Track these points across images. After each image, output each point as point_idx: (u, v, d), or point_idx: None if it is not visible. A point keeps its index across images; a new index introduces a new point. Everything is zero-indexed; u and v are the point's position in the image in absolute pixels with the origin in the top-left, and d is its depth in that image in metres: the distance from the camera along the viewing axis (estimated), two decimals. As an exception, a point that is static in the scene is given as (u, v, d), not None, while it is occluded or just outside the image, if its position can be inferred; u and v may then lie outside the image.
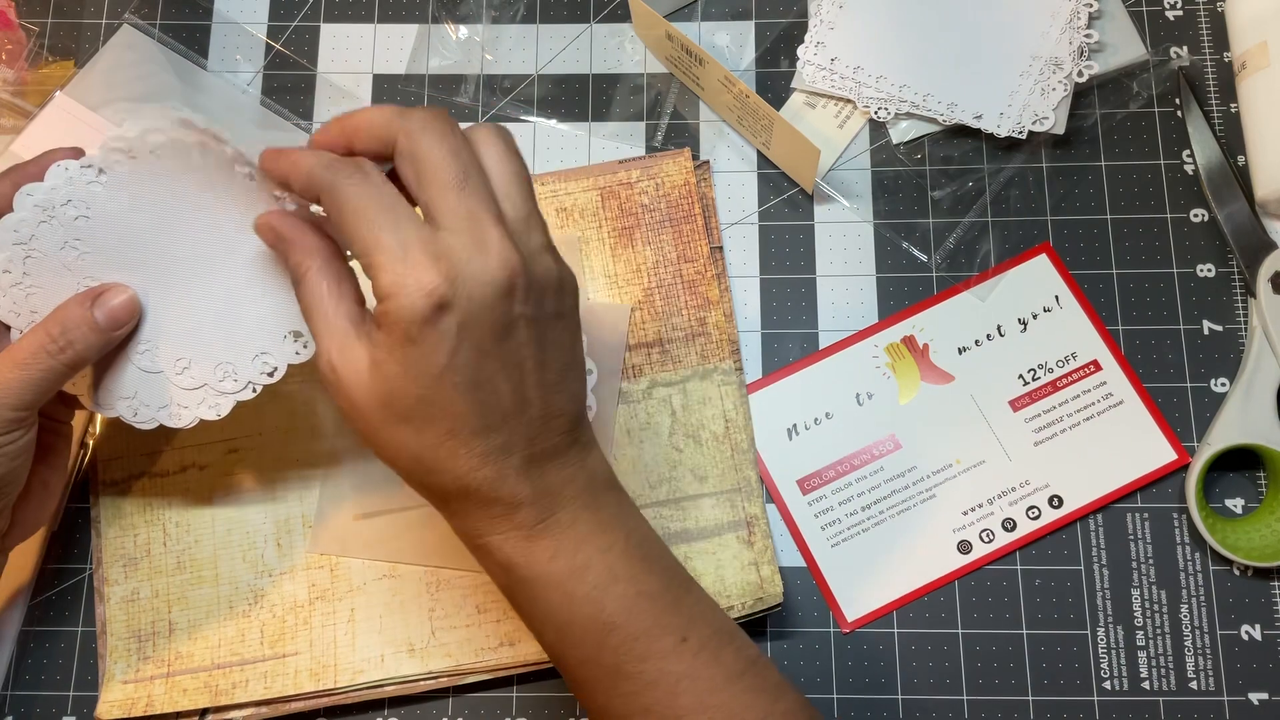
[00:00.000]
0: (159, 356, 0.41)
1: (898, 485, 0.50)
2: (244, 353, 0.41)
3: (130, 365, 0.42)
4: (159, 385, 0.42)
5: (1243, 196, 0.51)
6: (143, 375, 0.42)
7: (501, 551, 0.35)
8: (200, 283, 0.41)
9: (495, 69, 0.56)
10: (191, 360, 0.41)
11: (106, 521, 0.49)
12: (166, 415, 0.42)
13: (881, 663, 0.48)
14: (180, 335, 0.41)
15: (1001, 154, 0.54)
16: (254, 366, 0.41)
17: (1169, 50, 0.55)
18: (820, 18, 0.55)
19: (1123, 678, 0.47)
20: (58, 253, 0.40)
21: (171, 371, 0.41)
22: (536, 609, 0.36)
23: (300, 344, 0.41)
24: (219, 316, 0.41)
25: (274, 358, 0.41)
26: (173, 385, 0.42)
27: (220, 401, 0.42)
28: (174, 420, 0.42)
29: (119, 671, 0.47)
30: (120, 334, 0.40)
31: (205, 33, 0.56)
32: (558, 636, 0.36)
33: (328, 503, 0.49)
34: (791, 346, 0.52)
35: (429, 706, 0.48)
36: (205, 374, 0.41)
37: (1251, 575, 0.48)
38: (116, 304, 0.40)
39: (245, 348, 0.41)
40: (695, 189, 0.53)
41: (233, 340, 0.41)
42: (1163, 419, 0.50)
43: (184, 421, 0.42)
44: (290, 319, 0.41)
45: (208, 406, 0.42)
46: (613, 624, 0.35)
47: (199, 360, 0.41)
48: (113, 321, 0.40)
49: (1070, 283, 0.52)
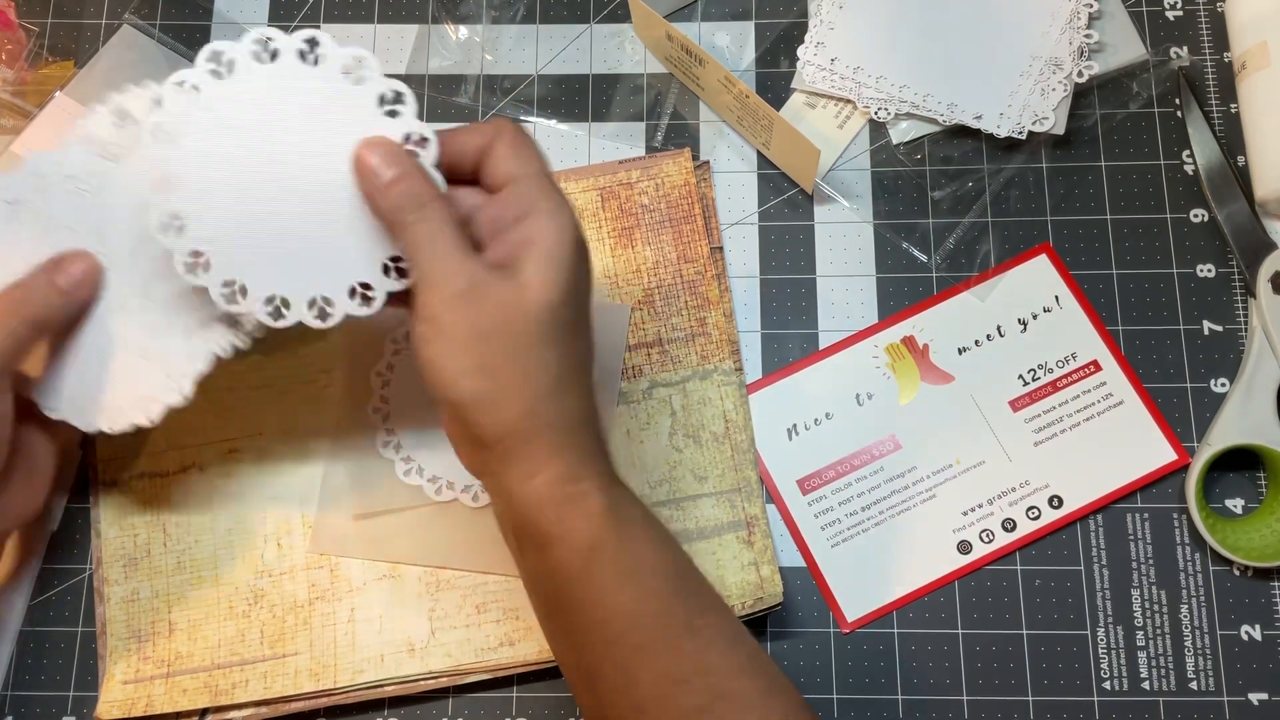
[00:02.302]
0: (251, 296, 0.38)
1: (898, 485, 0.50)
2: (340, 284, 0.38)
3: (75, 366, 0.41)
4: (97, 387, 0.41)
5: (1243, 196, 0.51)
6: (84, 376, 0.41)
7: (604, 496, 0.36)
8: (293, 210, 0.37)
9: (495, 69, 0.56)
10: (287, 297, 0.38)
11: (106, 521, 0.49)
12: (105, 420, 0.41)
13: (881, 663, 0.48)
14: (269, 271, 0.38)
15: (1001, 154, 0.54)
16: (351, 300, 0.38)
17: (1169, 50, 0.55)
18: (820, 18, 0.55)
19: (1123, 678, 0.47)
20: (20, 240, 0.40)
21: (263, 312, 0.38)
22: (624, 561, 0.36)
23: (394, 274, 0.37)
24: (312, 246, 0.37)
25: (376, 288, 0.38)
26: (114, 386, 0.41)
27: (151, 406, 0.41)
28: (111, 424, 0.41)
29: (119, 671, 0.47)
30: (81, 298, 0.41)
31: (205, 33, 0.56)
32: (639, 591, 0.35)
33: (328, 503, 0.49)
34: (791, 346, 0.52)
35: (429, 706, 0.48)
36: (299, 313, 0.38)
37: (1251, 575, 0.48)
38: (77, 269, 0.41)
39: (342, 278, 0.38)
40: (695, 189, 0.53)
41: (328, 270, 0.38)
42: (1163, 419, 0.50)
43: (120, 425, 0.41)
44: (383, 249, 0.37)
45: (140, 411, 0.41)
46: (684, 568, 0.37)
47: (294, 296, 0.38)
48: (73, 285, 0.40)
49: (1070, 283, 0.52)
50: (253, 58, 0.37)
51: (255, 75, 0.37)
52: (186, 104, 0.36)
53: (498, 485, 0.36)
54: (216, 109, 0.37)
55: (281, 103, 0.37)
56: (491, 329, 0.34)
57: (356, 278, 0.37)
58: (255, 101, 0.37)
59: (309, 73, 0.37)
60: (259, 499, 0.49)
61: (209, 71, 0.37)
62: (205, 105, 0.37)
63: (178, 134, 0.36)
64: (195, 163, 0.37)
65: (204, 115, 0.37)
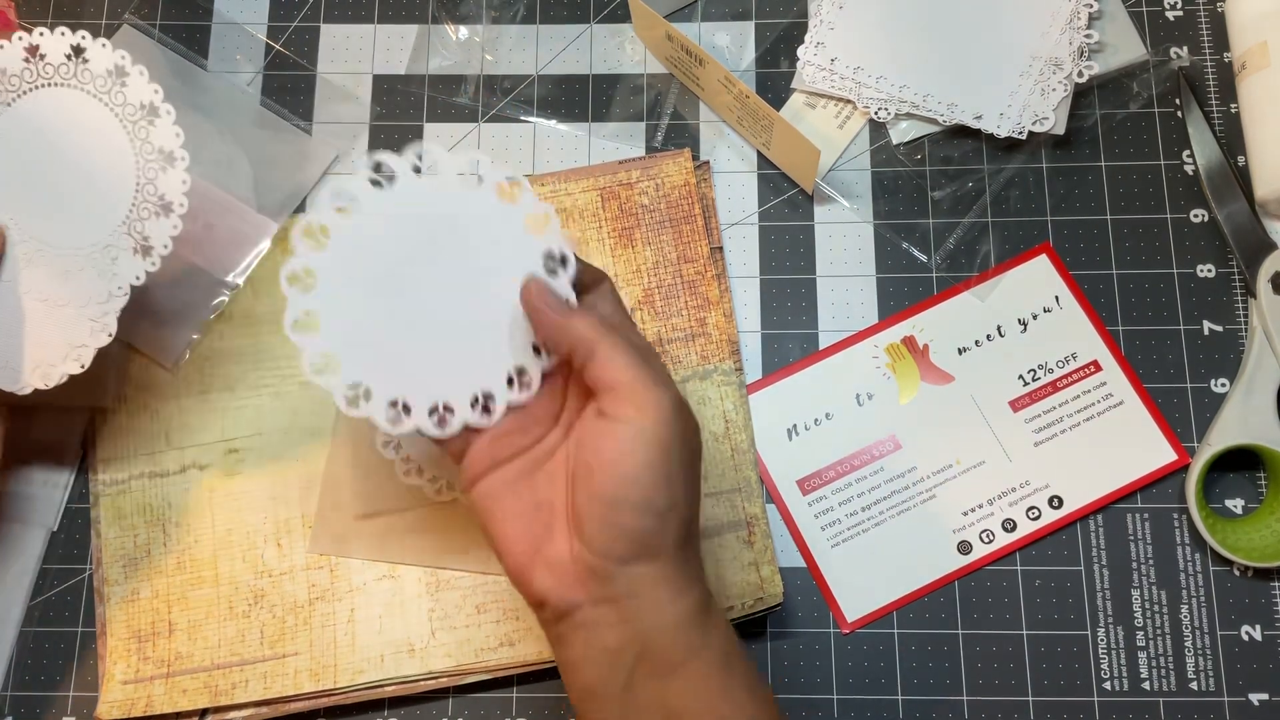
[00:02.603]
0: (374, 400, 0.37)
1: (898, 485, 0.50)
2: (464, 392, 0.37)
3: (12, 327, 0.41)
4: (23, 346, 0.41)
5: (1243, 196, 0.51)
6: (6, 338, 0.41)
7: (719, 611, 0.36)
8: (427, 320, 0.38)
9: (495, 69, 0.56)
10: (409, 402, 0.37)
11: (106, 521, 0.49)
12: (38, 377, 0.42)
13: (881, 663, 0.48)
14: (392, 374, 0.37)
15: (1001, 154, 0.54)
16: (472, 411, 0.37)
17: (1169, 50, 0.55)
18: (820, 18, 0.55)
19: (1123, 678, 0.47)
20: None
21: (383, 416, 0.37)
22: None
23: (516, 388, 0.37)
24: (442, 354, 0.38)
25: (497, 399, 0.37)
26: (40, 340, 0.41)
27: (82, 353, 0.41)
28: (46, 379, 0.42)
29: (119, 671, 0.47)
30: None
31: (205, 33, 0.56)
32: None
33: (328, 503, 0.49)
34: (791, 346, 0.52)
35: (429, 707, 0.48)
36: (419, 419, 0.37)
37: (1251, 575, 0.48)
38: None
39: (464, 389, 0.37)
40: (695, 189, 0.53)
41: (453, 378, 0.37)
42: (1163, 419, 0.50)
43: (54, 379, 0.42)
44: (509, 361, 0.37)
45: (99, 332, 0.42)
46: None
47: (416, 402, 0.37)
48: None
49: (1070, 283, 0.52)
50: (413, 172, 0.38)
51: (413, 188, 0.38)
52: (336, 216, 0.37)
53: (626, 612, 0.34)
54: (368, 215, 0.37)
55: (433, 217, 0.38)
56: (683, 442, 0.35)
57: (480, 388, 0.37)
58: (407, 213, 0.38)
59: (463, 191, 0.38)
60: (259, 499, 0.49)
61: (370, 180, 0.37)
62: (358, 210, 0.37)
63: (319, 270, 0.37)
64: (335, 265, 0.37)
65: (353, 220, 0.37)
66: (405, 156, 0.38)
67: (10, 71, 0.42)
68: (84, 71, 0.43)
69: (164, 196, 0.42)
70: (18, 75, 0.42)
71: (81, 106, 0.42)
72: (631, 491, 0.34)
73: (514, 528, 0.36)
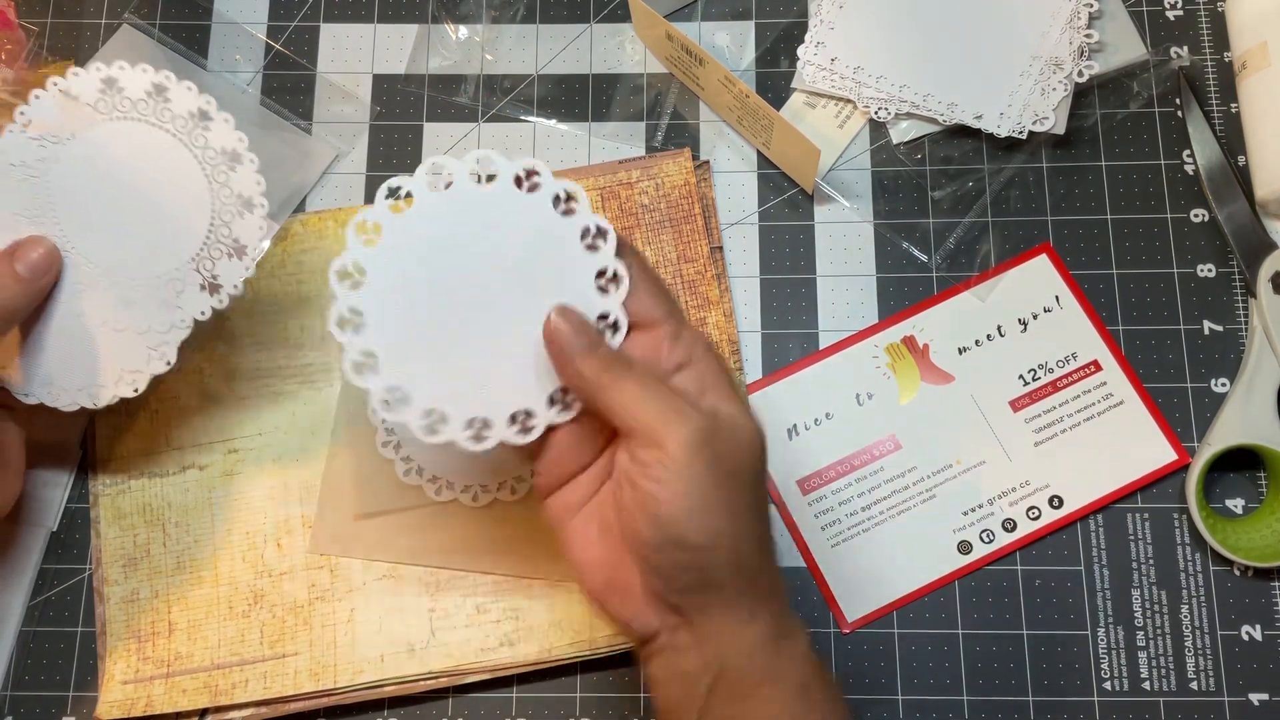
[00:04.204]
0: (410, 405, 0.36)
1: (898, 485, 0.50)
2: (502, 409, 0.36)
3: (48, 349, 0.42)
4: (75, 367, 0.42)
5: (1243, 196, 0.51)
6: (60, 357, 0.41)
7: (800, 638, 0.36)
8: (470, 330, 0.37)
9: (495, 69, 0.56)
10: (446, 413, 0.36)
11: (106, 521, 0.49)
12: (85, 396, 0.42)
13: (881, 663, 0.48)
14: (432, 384, 0.36)
15: (1001, 154, 0.54)
16: (510, 428, 0.36)
17: (1169, 50, 0.55)
18: (820, 18, 0.55)
19: (1123, 678, 0.47)
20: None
21: (418, 424, 0.36)
22: None
23: (558, 407, 0.36)
24: (484, 367, 0.36)
25: (537, 418, 0.36)
26: (93, 363, 0.42)
27: (136, 378, 0.42)
28: (94, 400, 0.42)
29: (119, 671, 0.47)
30: (43, 284, 0.41)
31: (205, 33, 0.56)
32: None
33: (328, 503, 0.49)
34: (791, 346, 0.52)
35: (429, 706, 0.48)
36: (454, 431, 0.36)
37: (1252, 575, 0.48)
38: (36, 255, 0.41)
39: (503, 404, 0.36)
40: (695, 189, 0.53)
41: (493, 394, 0.36)
42: (1163, 419, 0.50)
43: (104, 400, 0.42)
44: (552, 380, 0.36)
45: (156, 360, 0.42)
46: None
47: (452, 413, 0.36)
48: (34, 272, 0.41)
49: (1070, 283, 0.52)
50: (471, 177, 0.37)
51: (470, 194, 0.37)
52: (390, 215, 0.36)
53: (700, 636, 0.34)
54: (425, 217, 0.36)
55: (488, 224, 0.37)
56: (732, 467, 0.34)
57: (520, 405, 0.36)
58: (461, 219, 0.37)
59: (521, 199, 0.37)
60: (259, 499, 0.49)
61: (426, 182, 0.36)
62: (416, 211, 0.36)
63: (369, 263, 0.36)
64: (385, 264, 0.36)
65: (406, 221, 0.36)
66: (464, 161, 0.37)
67: (85, 100, 0.42)
68: (164, 110, 0.43)
69: (239, 240, 0.43)
70: (92, 105, 0.42)
71: (159, 143, 0.43)
72: (667, 531, 0.33)
73: (587, 552, 0.36)
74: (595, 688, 0.48)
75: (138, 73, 0.43)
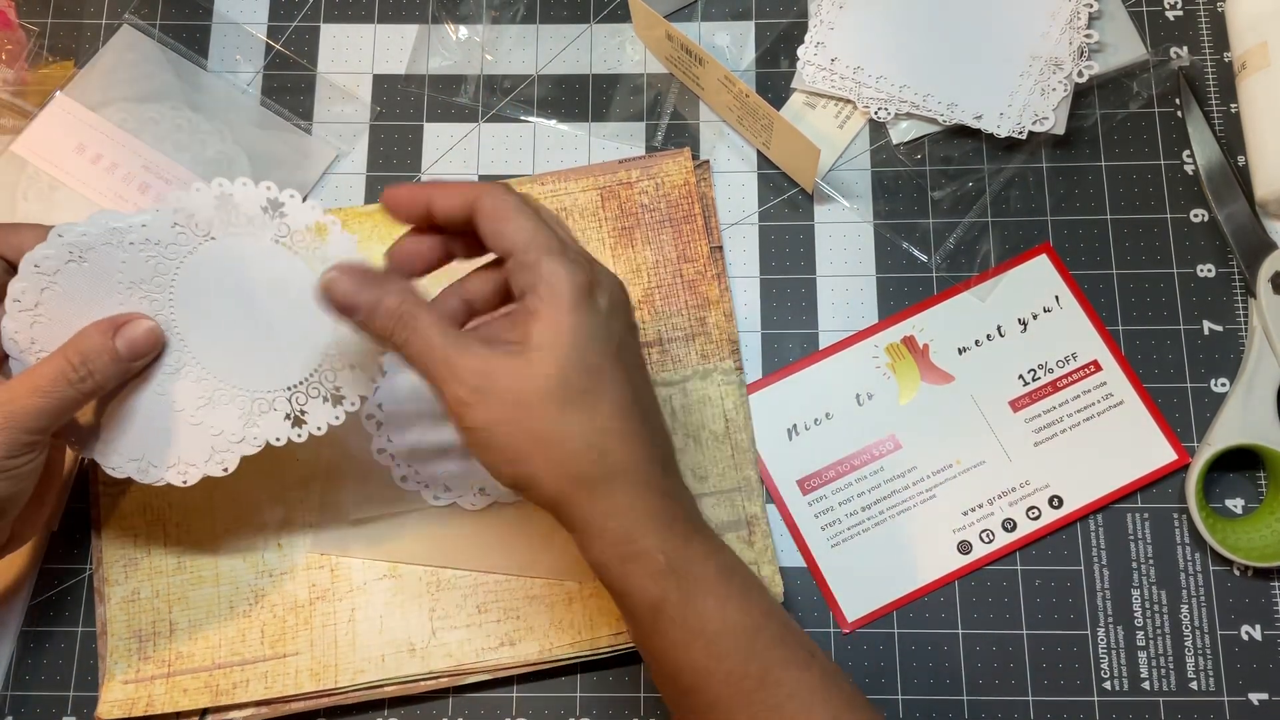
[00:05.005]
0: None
1: (898, 485, 0.50)
2: (269, 409, 0.41)
3: (138, 421, 0.41)
4: (137, 439, 0.42)
5: (1243, 196, 0.51)
6: (127, 425, 0.42)
7: (662, 555, 0.35)
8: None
9: (495, 69, 0.56)
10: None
11: (106, 522, 0.49)
12: (135, 469, 0.42)
13: (881, 663, 0.48)
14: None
15: (1001, 154, 0.54)
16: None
17: (1169, 50, 0.55)
18: (820, 18, 0.55)
19: (1123, 678, 0.47)
20: (76, 292, 0.40)
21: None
22: (690, 621, 0.35)
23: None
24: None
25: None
26: (180, 443, 0.42)
27: (189, 472, 0.42)
28: (142, 475, 0.42)
29: (119, 671, 0.47)
30: (140, 364, 0.40)
31: (205, 33, 0.56)
32: (707, 650, 0.36)
33: (328, 504, 0.49)
34: (791, 346, 0.52)
35: (429, 706, 0.48)
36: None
37: (1251, 575, 0.48)
38: (138, 334, 0.40)
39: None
40: (695, 189, 0.53)
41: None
42: (1163, 419, 0.50)
43: (150, 479, 0.42)
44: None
45: (215, 463, 0.42)
46: (759, 626, 0.36)
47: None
48: (133, 351, 0.40)
49: (1070, 283, 0.52)
50: None
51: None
52: None
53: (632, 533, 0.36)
54: None
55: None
56: (509, 412, 0.34)
57: None
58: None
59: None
60: (259, 499, 0.49)
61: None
62: None
63: None
64: None
65: None
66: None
67: (244, 211, 0.41)
68: (281, 224, 0.41)
69: (339, 389, 0.42)
70: (248, 219, 0.41)
71: (300, 279, 0.41)
72: None
73: None
74: (595, 688, 0.48)
75: (306, 208, 0.41)
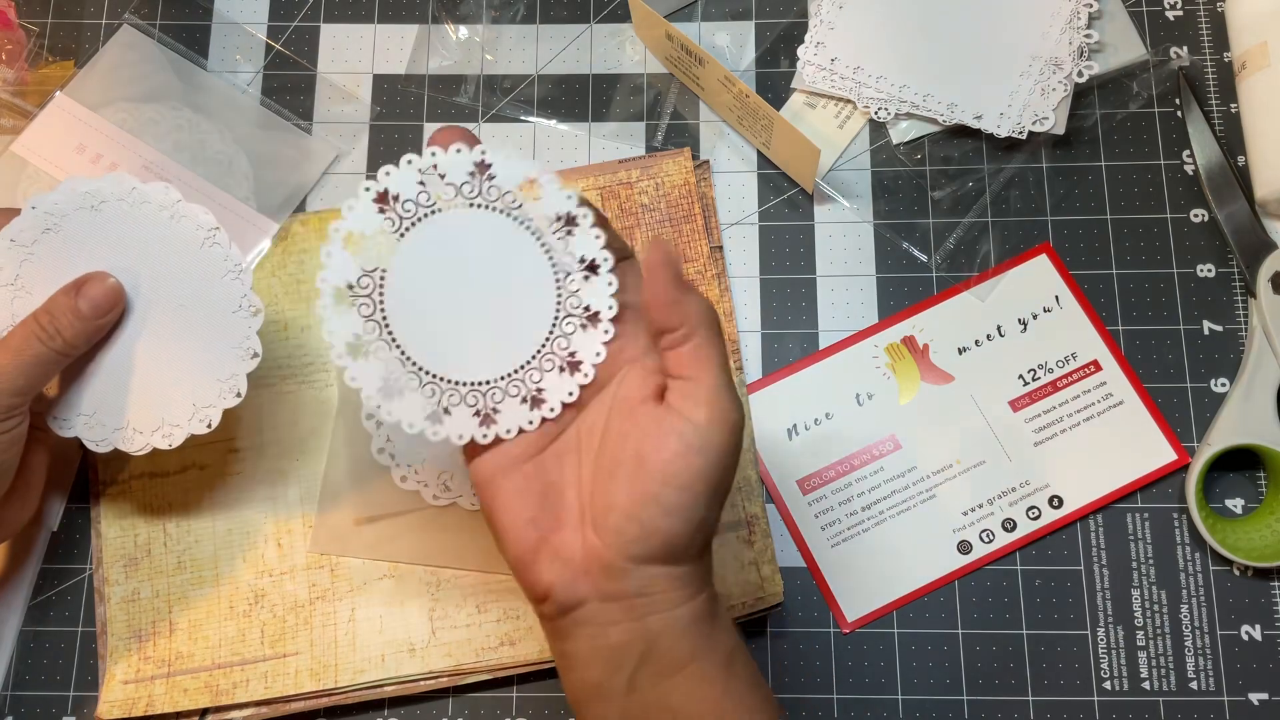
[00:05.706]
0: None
1: (898, 485, 0.50)
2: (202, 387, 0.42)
3: (93, 382, 0.42)
4: (117, 407, 0.42)
5: (1243, 196, 0.51)
6: (104, 394, 0.42)
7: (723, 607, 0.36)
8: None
9: (495, 69, 0.56)
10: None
11: (106, 521, 0.49)
12: (120, 439, 0.42)
13: (881, 663, 0.48)
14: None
15: (1001, 154, 0.54)
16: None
17: (1169, 50, 0.55)
18: (820, 18, 0.55)
19: (1123, 678, 0.47)
20: (54, 261, 0.41)
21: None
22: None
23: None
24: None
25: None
26: (131, 408, 0.42)
27: (173, 432, 0.42)
28: (127, 445, 0.42)
29: (119, 671, 0.47)
30: (105, 321, 0.41)
31: (205, 33, 0.56)
32: None
33: (327, 504, 0.49)
34: (791, 346, 0.52)
35: (429, 706, 0.48)
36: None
37: (1251, 575, 0.48)
38: (98, 292, 0.41)
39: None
40: (695, 189, 0.53)
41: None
42: (1163, 419, 0.50)
43: (135, 447, 0.42)
44: None
45: (161, 435, 0.42)
46: None
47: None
48: (95, 308, 0.41)
49: (1070, 283, 0.52)
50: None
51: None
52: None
53: (633, 609, 0.33)
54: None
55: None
56: (735, 460, 0.34)
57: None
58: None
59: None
60: (259, 499, 0.49)
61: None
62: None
63: None
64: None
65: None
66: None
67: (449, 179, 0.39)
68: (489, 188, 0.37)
69: (575, 354, 0.36)
70: None
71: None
72: (679, 497, 0.32)
73: (518, 513, 0.34)
74: (595, 687, 0.48)
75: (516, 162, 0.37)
